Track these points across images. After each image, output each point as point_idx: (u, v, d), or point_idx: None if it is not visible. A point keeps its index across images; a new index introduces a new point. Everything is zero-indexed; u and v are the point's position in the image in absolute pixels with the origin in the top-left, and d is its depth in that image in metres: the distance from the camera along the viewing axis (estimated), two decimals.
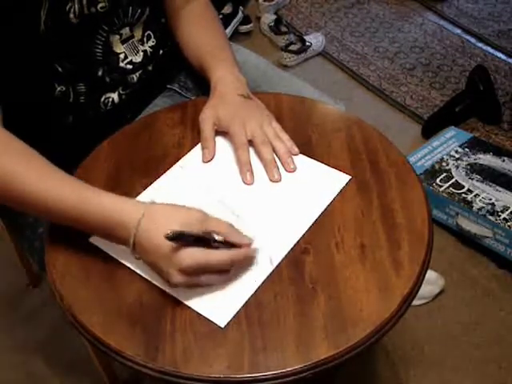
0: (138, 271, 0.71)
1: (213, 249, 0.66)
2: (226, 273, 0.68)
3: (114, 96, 0.94)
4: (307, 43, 2.15)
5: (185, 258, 0.64)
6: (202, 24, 1.01)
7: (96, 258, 0.73)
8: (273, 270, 0.70)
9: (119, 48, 0.91)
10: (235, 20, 2.24)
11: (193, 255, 0.64)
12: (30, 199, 0.69)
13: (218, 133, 0.88)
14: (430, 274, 1.35)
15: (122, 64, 0.93)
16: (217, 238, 0.66)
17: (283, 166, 0.84)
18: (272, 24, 2.26)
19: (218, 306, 0.67)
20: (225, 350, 0.63)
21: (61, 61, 0.85)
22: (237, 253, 0.68)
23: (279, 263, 0.71)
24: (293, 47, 2.15)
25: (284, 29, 2.24)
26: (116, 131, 0.92)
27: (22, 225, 0.91)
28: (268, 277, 0.70)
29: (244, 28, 2.29)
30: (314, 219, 0.76)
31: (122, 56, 0.92)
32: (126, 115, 1.00)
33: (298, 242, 0.73)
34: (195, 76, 1.05)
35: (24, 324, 1.38)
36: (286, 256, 0.72)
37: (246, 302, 0.67)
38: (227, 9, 2.24)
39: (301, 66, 2.15)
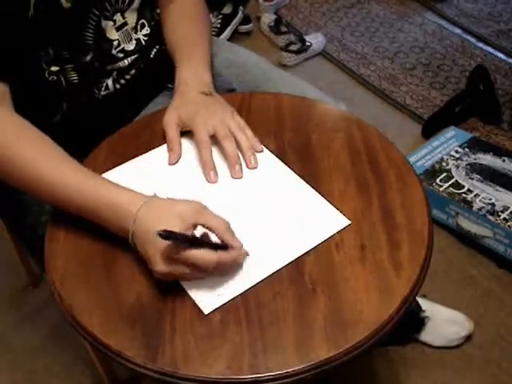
0: None
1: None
2: (208, 271, 0.67)
3: (109, 81, 0.94)
4: (307, 43, 2.14)
5: (172, 248, 0.65)
6: (184, 18, 1.00)
7: (96, 258, 0.73)
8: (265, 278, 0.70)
9: (113, 35, 0.92)
10: (235, 20, 2.24)
11: (180, 248, 0.65)
12: (37, 184, 0.74)
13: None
14: (457, 315, 1.29)
15: (113, 51, 0.93)
16: (213, 239, 0.66)
17: (245, 162, 0.83)
18: (272, 24, 2.25)
19: (209, 294, 0.68)
20: (224, 350, 0.63)
21: (51, 44, 0.85)
22: (225, 256, 0.67)
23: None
24: (293, 47, 2.14)
25: (284, 29, 2.24)
26: (116, 129, 0.92)
27: (22, 225, 0.91)
28: (259, 282, 0.69)
29: (244, 28, 2.29)
30: (302, 252, 0.72)
31: (115, 43, 0.93)
32: (125, 112, 1.00)
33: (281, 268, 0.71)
34: None
35: (24, 324, 1.38)
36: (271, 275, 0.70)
37: (236, 298, 0.68)
38: (227, 9, 2.24)
39: (301, 66, 2.15)
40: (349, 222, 0.76)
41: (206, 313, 0.66)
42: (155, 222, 0.66)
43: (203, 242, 0.66)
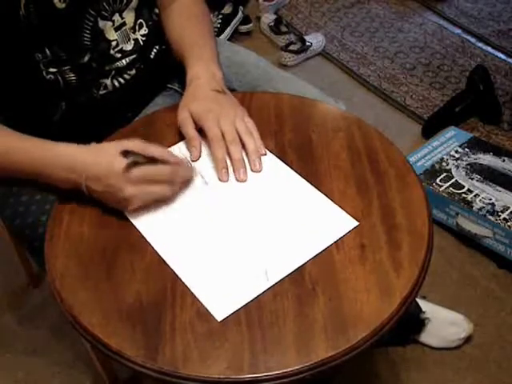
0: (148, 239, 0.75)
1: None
2: (172, 184, 0.78)
3: (107, 81, 0.94)
4: (307, 43, 2.15)
5: (132, 169, 0.74)
6: (188, 18, 1.00)
7: (96, 258, 0.73)
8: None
9: (112, 35, 0.91)
10: (235, 20, 2.24)
11: (138, 167, 0.75)
12: None
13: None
14: (457, 317, 1.29)
15: (111, 52, 0.93)
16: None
17: (249, 165, 0.83)
18: (272, 24, 2.26)
19: (220, 301, 0.67)
20: (224, 350, 0.63)
21: (47, 45, 0.85)
22: (173, 165, 0.78)
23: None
24: (293, 47, 2.14)
25: (284, 29, 2.24)
26: (116, 129, 0.92)
27: (21, 225, 0.91)
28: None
29: (244, 28, 2.29)
30: (312, 255, 0.72)
31: (113, 43, 0.92)
32: (125, 112, 1.00)
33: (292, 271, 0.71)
34: None
35: (24, 324, 1.38)
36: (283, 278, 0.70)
37: (247, 304, 0.67)
38: (227, 9, 2.24)
39: (301, 66, 2.15)
40: (357, 222, 0.75)
41: (219, 320, 0.66)
42: (105, 159, 0.76)
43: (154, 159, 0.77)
